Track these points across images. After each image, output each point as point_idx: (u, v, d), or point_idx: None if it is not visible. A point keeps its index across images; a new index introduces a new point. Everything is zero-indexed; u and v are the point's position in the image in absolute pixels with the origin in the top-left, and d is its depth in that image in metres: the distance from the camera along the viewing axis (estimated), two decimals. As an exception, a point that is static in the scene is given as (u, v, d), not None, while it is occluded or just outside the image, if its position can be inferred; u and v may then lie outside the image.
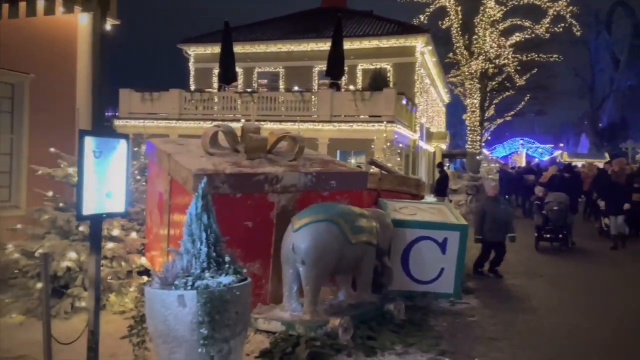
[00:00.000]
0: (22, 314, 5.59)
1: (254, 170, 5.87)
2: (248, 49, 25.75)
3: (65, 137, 7.16)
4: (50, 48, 6.99)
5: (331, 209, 5.50)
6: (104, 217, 3.51)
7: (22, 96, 6.71)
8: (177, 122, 22.57)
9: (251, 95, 21.92)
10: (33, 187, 6.62)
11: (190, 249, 3.66)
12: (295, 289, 5.27)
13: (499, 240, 8.45)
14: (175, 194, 6.18)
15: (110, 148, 3.36)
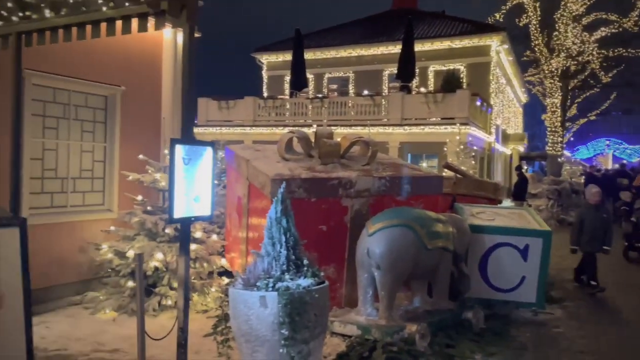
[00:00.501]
0: (115, 310, 6.01)
1: (328, 175, 5.95)
2: (318, 55, 26.11)
3: (152, 145, 7.64)
4: (138, 62, 7.48)
5: (406, 213, 5.45)
6: (192, 220, 3.71)
7: (114, 107, 7.24)
8: (251, 129, 23.31)
9: (322, 101, 22.19)
10: (124, 192, 7.12)
11: (271, 252, 3.78)
12: (371, 293, 5.27)
13: (594, 251, 7.87)
14: (253, 198, 6.39)
15: (198, 155, 3.55)
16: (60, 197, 6.69)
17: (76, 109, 6.88)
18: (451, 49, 23.98)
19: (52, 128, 6.62)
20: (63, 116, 6.73)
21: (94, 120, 7.12)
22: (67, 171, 6.76)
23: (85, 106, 7.00)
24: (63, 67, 6.46)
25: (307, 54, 23.36)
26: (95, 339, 5.18)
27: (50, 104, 6.59)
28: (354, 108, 21.45)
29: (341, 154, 6.55)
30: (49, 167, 6.57)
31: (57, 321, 5.73)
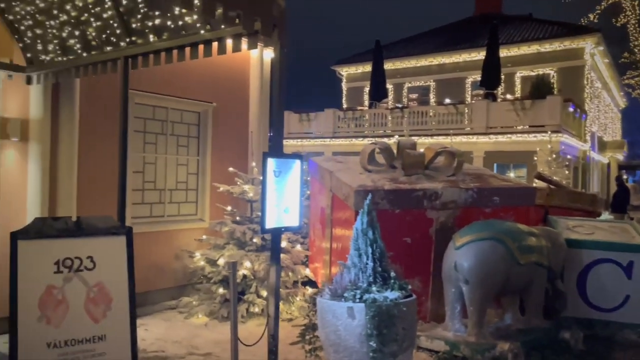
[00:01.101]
0: (206, 315, 6.31)
1: (412, 187, 5.88)
2: (398, 65, 25.96)
3: (240, 158, 7.99)
4: (228, 79, 7.89)
5: (496, 226, 5.25)
6: (282, 230, 3.83)
7: (206, 123, 7.68)
8: (331, 140, 23.59)
9: (402, 111, 21.99)
10: (215, 203, 7.49)
11: (357, 263, 3.80)
12: (459, 308, 5.11)
13: None
14: (336, 209, 6.47)
15: (287, 168, 3.68)
16: (158, 208, 7.18)
17: (172, 125, 7.37)
18: (540, 53, 22.83)
19: (152, 143, 7.13)
20: (161, 132, 7.24)
21: (188, 135, 7.59)
22: (165, 183, 7.24)
23: (180, 122, 7.48)
24: (161, 86, 6.96)
25: (386, 65, 23.33)
26: (189, 343, 5.47)
27: (150, 120, 7.11)
28: (435, 117, 21.04)
29: (425, 164, 6.45)
30: (149, 180, 7.08)
31: (155, 324, 6.12)
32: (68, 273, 3.78)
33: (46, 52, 5.44)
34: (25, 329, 3.57)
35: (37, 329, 3.59)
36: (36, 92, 5.70)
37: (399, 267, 4.66)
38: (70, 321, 3.69)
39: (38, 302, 3.63)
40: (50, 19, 5.12)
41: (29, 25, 5.36)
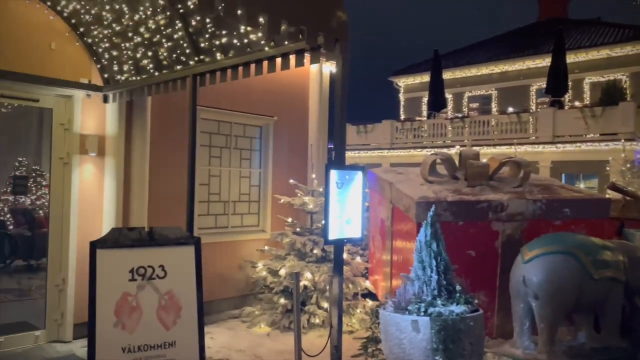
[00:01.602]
0: (269, 325, 6.41)
1: (476, 198, 5.73)
2: (458, 74, 25.47)
3: (301, 170, 8.12)
4: (288, 93, 8.06)
5: (567, 239, 5.01)
6: (345, 242, 3.85)
7: (268, 136, 7.87)
8: (389, 151, 23.44)
9: (462, 120, 21.52)
10: (276, 214, 7.64)
11: (421, 276, 3.75)
12: (527, 325, 4.90)
13: None
14: (397, 220, 6.41)
15: (349, 179, 3.70)
16: (222, 219, 7.40)
17: (236, 139, 7.61)
18: (610, 58, 21.66)
19: (217, 157, 7.40)
20: (225, 146, 7.49)
21: (250, 149, 7.80)
22: (229, 195, 7.47)
23: (243, 136, 7.71)
24: (226, 102, 7.22)
25: (445, 74, 22.97)
26: (253, 352, 5.57)
27: (215, 135, 7.38)
28: (497, 126, 20.43)
29: (490, 175, 6.27)
30: (214, 192, 7.33)
31: (220, 332, 6.28)
32: (141, 281, 3.97)
33: (121, 72, 5.80)
34: (102, 333, 3.77)
35: (113, 334, 3.79)
36: (112, 109, 6.07)
37: (463, 280, 4.54)
38: (144, 327, 3.87)
39: (114, 308, 3.83)
40: (126, 41, 5.46)
41: (106, 47, 5.74)
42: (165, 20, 4.94)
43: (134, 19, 5.12)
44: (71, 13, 5.55)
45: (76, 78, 5.78)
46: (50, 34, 5.60)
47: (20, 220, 8.55)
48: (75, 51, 5.81)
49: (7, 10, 5.29)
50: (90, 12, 5.37)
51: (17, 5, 5.36)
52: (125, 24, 5.27)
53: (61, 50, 5.70)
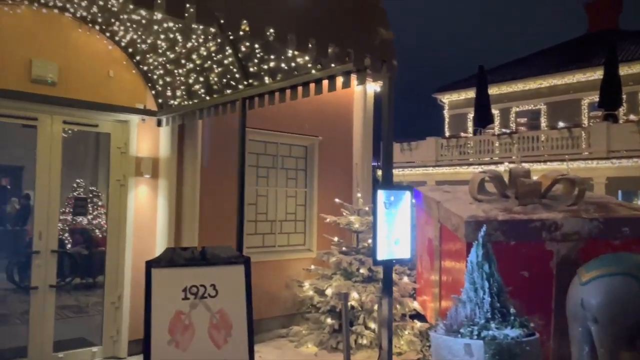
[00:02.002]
0: (316, 345, 6.39)
1: (529, 217, 5.56)
2: (504, 89, 24.97)
3: (346, 189, 8.14)
4: (332, 112, 8.15)
5: (628, 260, 4.76)
6: (393, 263, 3.83)
7: (313, 156, 7.97)
8: (434, 169, 23.13)
9: (510, 136, 21.02)
10: (322, 233, 7.67)
11: (473, 298, 3.67)
12: (587, 350, 4.67)
13: None
14: (445, 240, 6.29)
15: (397, 199, 3.69)
16: (269, 238, 7.50)
17: (282, 159, 7.74)
18: (667, 69, 20.72)
19: (263, 177, 7.53)
20: (272, 166, 7.62)
21: (296, 168, 7.91)
22: (275, 214, 7.57)
23: (289, 156, 7.83)
24: (272, 123, 7.37)
25: (491, 90, 22.57)
26: (301, 371, 5.57)
27: (262, 155, 7.53)
28: (547, 142, 19.82)
29: (542, 193, 6.08)
30: (261, 211, 7.46)
31: (268, 352, 6.32)
32: (194, 300, 4.07)
33: (174, 97, 6.05)
34: (157, 351, 3.87)
35: (167, 352, 3.89)
36: (165, 133, 6.33)
37: (517, 302, 4.40)
38: (196, 345, 3.95)
39: (168, 326, 3.93)
40: (179, 68, 5.71)
41: (160, 74, 6.01)
42: (215, 46, 5.14)
43: (186, 46, 5.36)
44: (128, 42, 5.87)
45: (132, 104, 6.07)
46: (109, 63, 5.93)
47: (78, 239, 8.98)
48: (131, 78, 6.11)
49: (71, 42, 5.65)
50: (146, 42, 5.66)
51: (79, 36, 5.71)
52: (178, 52, 5.52)
53: (119, 78, 6.01)
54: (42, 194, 5.57)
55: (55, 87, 5.48)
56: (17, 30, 5.27)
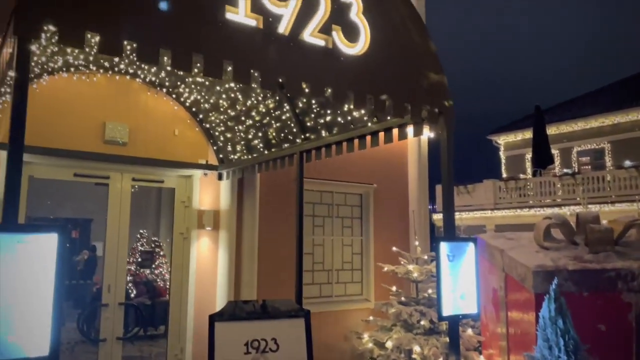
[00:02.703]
0: (378, 400, 6.16)
1: (602, 266, 5.24)
2: (563, 128, 24.20)
3: (403, 237, 8.02)
4: (386, 159, 8.17)
5: None
6: (460, 318, 3.69)
7: (368, 204, 7.96)
8: (493, 212, 22.40)
9: (573, 177, 20.16)
10: (380, 283, 7.53)
11: (548, 356, 3.45)
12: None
13: None
14: (511, 291, 6.01)
15: (461, 251, 3.60)
16: (326, 288, 7.45)
17: (337, 207, 7.77)
18: None
19: (319, 226, 7.57)
20: (327, 215, 7.66)
21: (351, 217, 7.90)
22: (332, 264, 7.54)
23: (344, 204, 7.86)
24: (327, 172, 7.46)
25: (550, 129, 21.90)
26: None
27: (318, 204, 7.60)
28: (614, 182, 18.83)
29: (615, 240, 5.74)
30: (318, 261, 7.45)
31: (328, 406, 6.14)
32: (255, 354, 4.07)
33: (234, 152, 6.29)
34: (220, 406, 3.87)
35: (230, 407, 3.87)
36: (225, 186, 6.55)
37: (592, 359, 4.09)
38: (258, 401, 3.92)
39: (230, 380, 3.93)
40: (239, 124, 5.96)
41: (221, 130, 6.29)
42: (274, 103, 5.34)
43: (246, 104, 5.61)
44: (192, 102, 6.22)
45: (195, 159, 6.36)
46: (174, 122, 6.29)
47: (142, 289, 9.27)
48: (194, 135, 6.43)
49: (140, 104, 6.06)
50: (208, 101, 5.97)
51: (148, 99, 6.12)
52: (238, 109, 5.78)
53: (183, 135, 6.34)
54: (112, 248, 5.85)
55: (126, 147, 5.85)
56: (93, 96, 5.73)
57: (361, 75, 3.31)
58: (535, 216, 20.97)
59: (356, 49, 3.21)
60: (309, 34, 3.00)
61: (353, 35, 3.19)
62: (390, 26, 3.45)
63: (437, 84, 3.65)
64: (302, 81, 2.97)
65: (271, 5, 2.85)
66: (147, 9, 2.43)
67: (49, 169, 5.58)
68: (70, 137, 5.50)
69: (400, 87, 3.48)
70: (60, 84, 5.50)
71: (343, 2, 3.16)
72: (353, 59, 3.22)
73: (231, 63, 2.66)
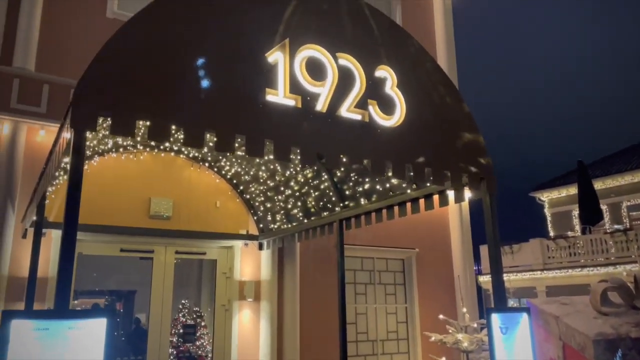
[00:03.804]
0: None
1: (669, 333, 4.85)
2: (609, 183, 23.37)
3: (449, 304, 7.72)
4: (428, 222, 8.04)
5: None
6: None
7: (410, 269, 7.77)
8: (542, 273, 21.38)
9: (625, 234, 19.19)
10: (427, 354, 7.18)
11: None
12: None
13: None
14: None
15: (514, 323, 3.42)
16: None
17: (379, 274, 7.61)
18: None
19: (361, 294, 7.40)
20: (369, 282, 7.50)
21: (394, 283, 7.71)
22: (376, 334, 7.28)
23: (386, 270, 7.69)
24: (367, 238, 7.39)
25: (596, 184, 21.15)
26: None
27: (359, 271, 7.47)
28: (671, 237, 17.79)
29: (681, 304, 5.33)
30: (361, 331, 7.22)
31: None
32: None
33: (274, 221, 6.35)
34: None
35: None
36: (266, 256, 6.56)
37: None
38: None
39: None
40: (278, 194, 6.06)
41: (261, 200, 6.40)
42: (312, 173, 5.43)
43: (285, 175, 5.72)
44: (233, 175, 6.39)
45: (236, 230, 6.45)
46: (216, 194, 6.45)
47: (184, 361, 9.14)
48: (235, 206, 6.56)
49: (184, 179, 6.27)
50: (248, 173, 6.13)
51: (191, 173, 6.34)
52: (278, 180, 5.89)
53: (224, 207, 6.48)
54: (155, 321, 5.86)
55: (170, 220, 6.01)
56: (139, 173, 5.99)
57: (399, 145, 3.33)
58: (588, 276, 19.85)
59: (392, 121, 3.26)
60: (345, 110, 3.08)
61: (389, 108, 3.25)
62: (425, 95, 3.50)
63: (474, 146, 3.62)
64: (340, 154, 3.02)
65: (309, 85, 2.97)
66: (193, 95, 2.57)
67: (97, 246, 5.76)
68: (118, 213, 5.70)
69: (439, 154, 3.47)
70: (110, 164, 5.79)
71: (378, 77, 3.26)
72: (390, 130, 3.26)
73: (272, 142, 2.75)
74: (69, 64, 5.90)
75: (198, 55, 2.62)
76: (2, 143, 5.40)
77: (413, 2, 9.12)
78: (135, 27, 2.53)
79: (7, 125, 5.40)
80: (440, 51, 8.99)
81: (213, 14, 2.77)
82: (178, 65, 2.57)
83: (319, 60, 3.06)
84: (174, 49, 2.58)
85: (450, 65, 8.77)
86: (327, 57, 3.09)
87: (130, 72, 2.43)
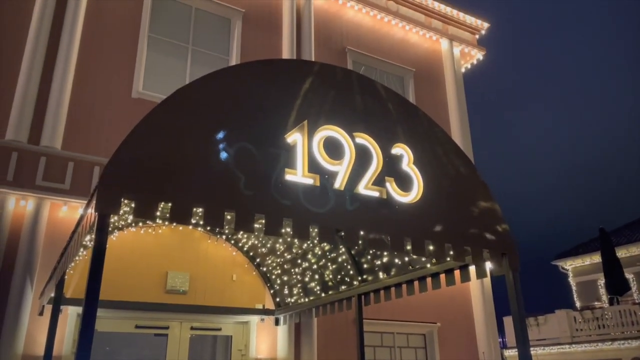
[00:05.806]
0: None
1: None
2: (634, 250, 22.70)
3: (475, 382, 7.32)
4: (449, 295, 7.82)
5: None
6: None
7: (432, 344, 7.47)
8: (571, 346, 20.34)
9: (656, 304, 18.36)
10: None
11: None
12: None
13: None
14: None
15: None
16: None
17: (400, 350, 7.32)
18: None
19: (383, 372, 7.09)
20: (390, 359, 7.20)
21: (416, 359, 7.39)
22: (399, 416, 6.89)
23: (407, 346, 7.40)
24: (385, 312, 7.18)
25: (620, 252, 20.62)
26: None
27: (378, 348, 7.19)
28: None
29: None
30: (383, 413, 6.84)
31: None
32: None
33: (291, 295, 6.23)
34: None
35: None
36: (282, 332, 6.38)
37: None
38: None
39: None
40: (295, 267, 5.99)
41: (278, 274, 6.32)
42: (330, 246, 5.39)
43: (302, 247, 5.69)
44: (250, 247, 6.37)
45: (252, 304, 6.33)
46: (232, 267, 6.40)
47: None
48: (252, 280, 6.48)
49: (201, 252, 6.26)
50: (265, 246, 6.11)
51: (208, 246, 6.34)
52: (294, 252, 5.85)
53: (240, 280, 6.40)
54: (168, 403, 5.64)
55: (186, 295, 5.94)
56: (157, 247, 6.00)
57: (417, 221, 3.32)
58: (620, 350, 18.80)
59: (410, 197, 3.28)
60: (363, 187, 3.12)
61: (406, 185, 3.28)
62: (440, 169, 3.53)
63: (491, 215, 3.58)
64: (359, 231, 3.02)
65: (327, 164, 3.03)
66: (214, 177, 2.64)
67: (112, 322, 5.68)
68: (135, 288, 5.67)
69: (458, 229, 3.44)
70: (129, 238, 5.83)
71: (394, 155, 3.32)
72: (408, 206, 3.27)
73: (290, 221, 2.77)
74: (94, 141, 6.12)
75: (220, 140, 2.71)
76: (25, 220, 5.51)
77: (425, 77, 9.42)
78: (160, 113, 2.65)
79: (31, 202, 5.53)
80: (454, 123, 9.16)
81: (236, 100, 2.90)
82: (201, 150, 2.66)
83: (337, 140, 3.15)
84: (197, 134, 2.68)
85: (465, 140, 8.89)
86: (344, 136, 3.17)
87: (155, 158, 2.52)
